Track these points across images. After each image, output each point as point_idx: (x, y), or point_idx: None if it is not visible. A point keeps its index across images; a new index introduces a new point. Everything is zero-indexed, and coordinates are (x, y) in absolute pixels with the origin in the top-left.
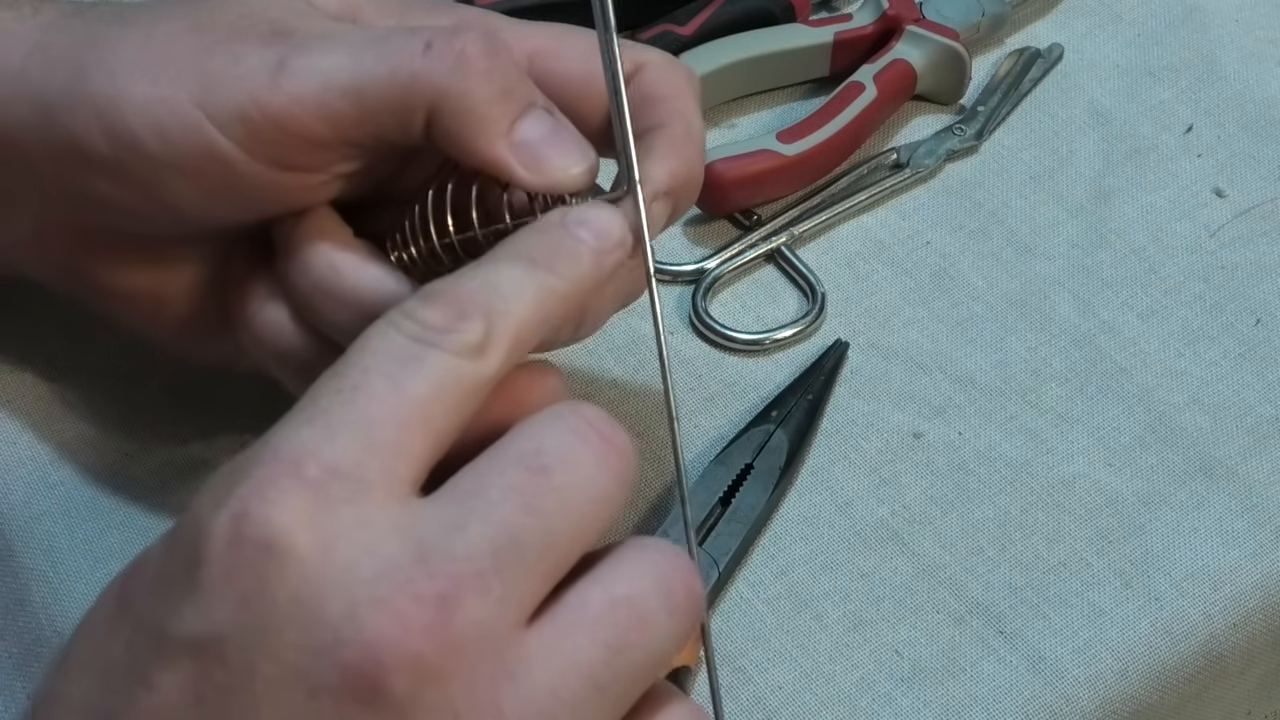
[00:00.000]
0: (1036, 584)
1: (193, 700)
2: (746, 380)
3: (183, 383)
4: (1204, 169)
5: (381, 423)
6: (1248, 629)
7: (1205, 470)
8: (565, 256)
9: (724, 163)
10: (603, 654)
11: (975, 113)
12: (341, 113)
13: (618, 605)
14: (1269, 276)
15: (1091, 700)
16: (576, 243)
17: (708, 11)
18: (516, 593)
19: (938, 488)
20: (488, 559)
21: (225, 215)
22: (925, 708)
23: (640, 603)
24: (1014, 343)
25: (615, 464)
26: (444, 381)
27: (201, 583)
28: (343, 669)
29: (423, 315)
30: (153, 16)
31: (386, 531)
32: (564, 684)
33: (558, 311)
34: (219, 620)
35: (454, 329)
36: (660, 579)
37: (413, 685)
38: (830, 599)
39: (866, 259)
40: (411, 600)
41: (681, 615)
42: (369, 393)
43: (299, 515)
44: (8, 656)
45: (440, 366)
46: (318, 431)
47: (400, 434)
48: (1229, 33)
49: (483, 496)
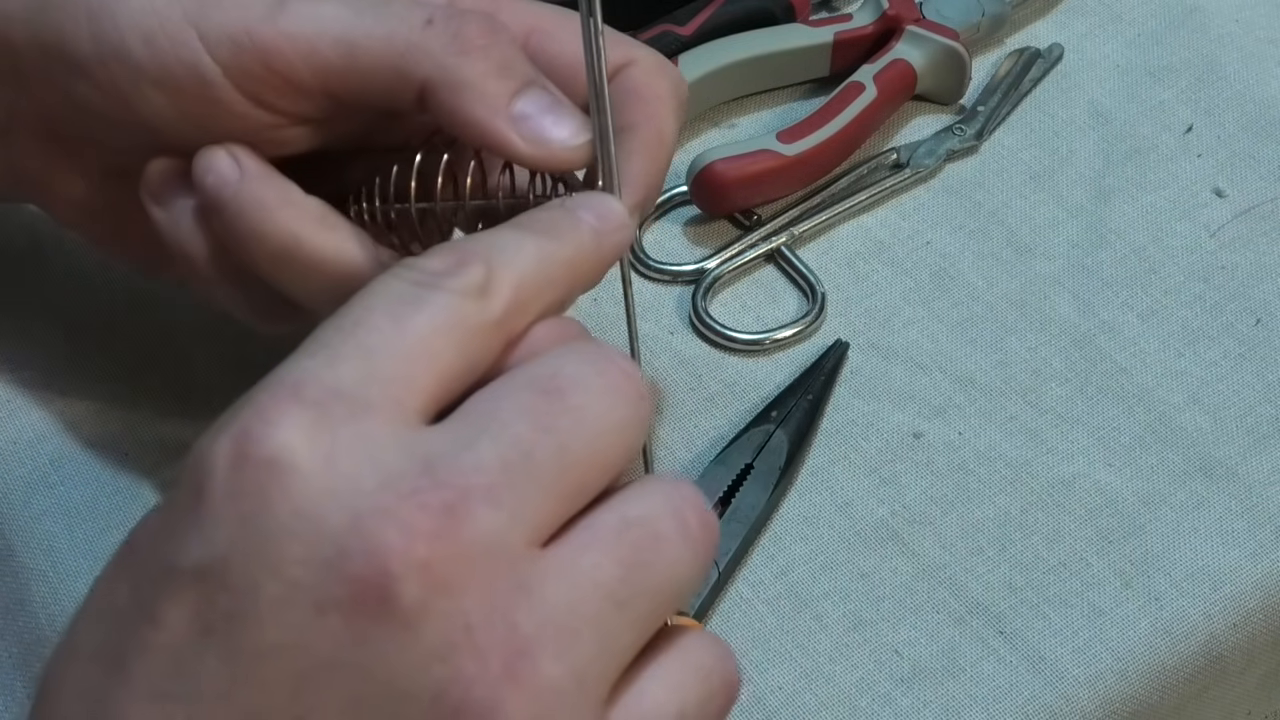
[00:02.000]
0: (1036, 584)
1: (199, 631)
2: (746, 380)
3: (183, 382)
4: (1204, 169)
5: (383, 352)
6: (1248, 629)
7: (1205, 470)
8: (566, 228)
9: (724, 163)
10: (619, 570)
11: (975, 113)
12: (330, 62)
13: (630, 525)
14: (1269, 276)
15: (1091, 700)
16: (577, 220)
17: (708, 11)
18: (529, 510)
19: (938, 488)
20: (498, 473)
21: (193, 139)
22: (925, 708)
23: (654, 523)
24: (1014, 343)
25: (631, 395)
26: (446, 318)
27: (204, 510)
28: (349, 580)
29: (424, 264)
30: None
31: (390, 446)
32: (582, 599)
33: (561, 274)
34: (221, 543)
35: (454, 273)
36: (673, 506)
37: (422, 593)
38: (830, 599)
39: (866, 259)
40: (417, 508)
41: (695, 541)
42: (370, 326)
43: (300, 431)
44: (8, 656)
45: (442, 304)
46: (319, 361)
47: (403, 364)
48: (1229, 33)
49: (494, 416)
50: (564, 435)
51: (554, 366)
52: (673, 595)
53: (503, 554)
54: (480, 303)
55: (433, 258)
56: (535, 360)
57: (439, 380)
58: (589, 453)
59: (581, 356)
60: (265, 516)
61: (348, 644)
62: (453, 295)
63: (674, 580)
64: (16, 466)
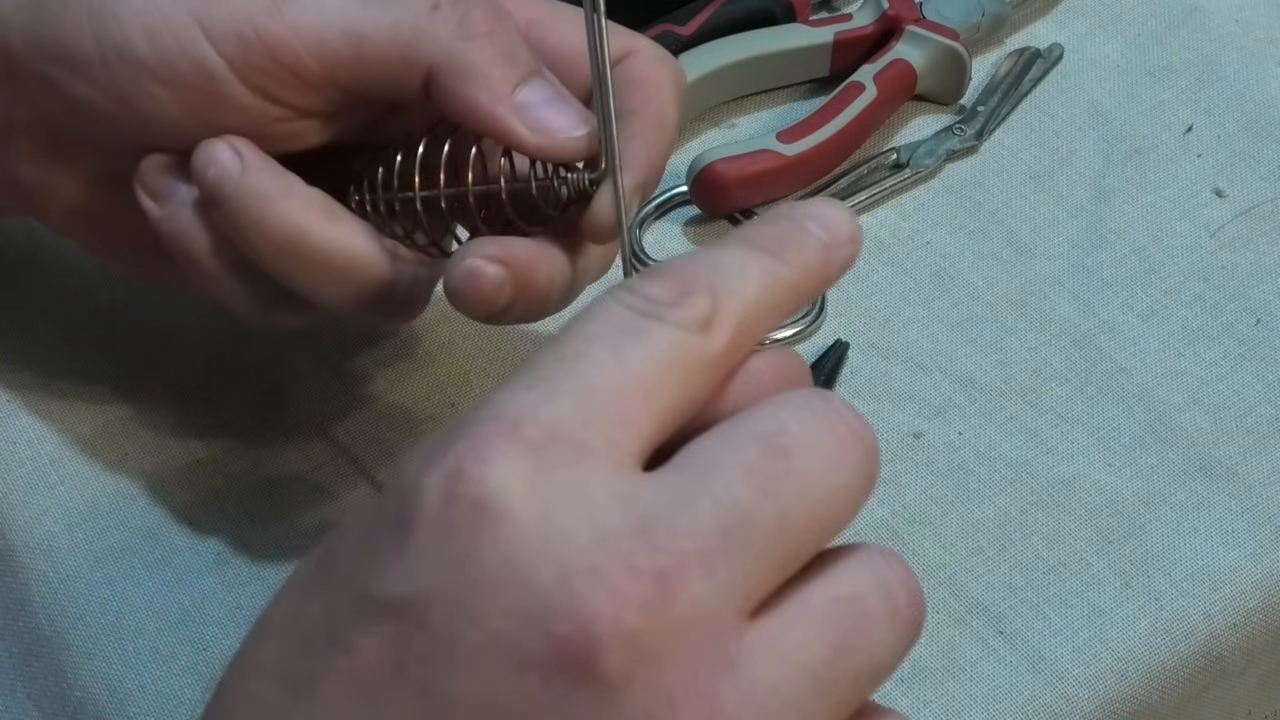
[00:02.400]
0: (1036, 584)
1: (392, 667)
2: None
3: (183, 383)
4: (1204, 169)
5: (604, 389)
6: (1248, 629)
7: (1205, 470)
8: (794, 246)
9: (724, 163)
10: (826, 653)
11: (975, 113)
12: (336, 53)
13: (840, 603)
14: (1269, 276)
15: (1091, 700)
16: (805, 234)
17: (708, 11)
18: (743, 579)
19: (938, 488)
20: (716, 538)
21: (196, 136)
22: (925, 708)
23: (863, 602)
24: (1014, 343)
25: (859, 457)
26: (668, 354)
27: (409, 542)
28: (553, 640)
29: (647, 289)
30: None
31: (607, 499)
32: (784, 680)
33: (786, 300)
34: (424, 582)
35: (678, 304)
36: (883, 583)
37: (627, 664)
38: None
39: (866, 259)
40: (629, 573)
41: (903, 622)
42: (592, 360)
43: (516, 475)
44: (8, 656)
45: (664, 339)
46: (538, 395)
47: (623, 403)
48: (1229, 33)
49: (715, 472)
50: (786, 502)
51: (781, 421)
52: (875, 678)
53: (712, 627)
54: (704, 338)
55: (655, 283)
56: (760, 410)
57: (657, 421)
58: (809, 519)
59: (809, 409)
60: (473, 562)
61: (544, 704)
62: (676, 329)
63: (878, 663)
64: (16, 466)
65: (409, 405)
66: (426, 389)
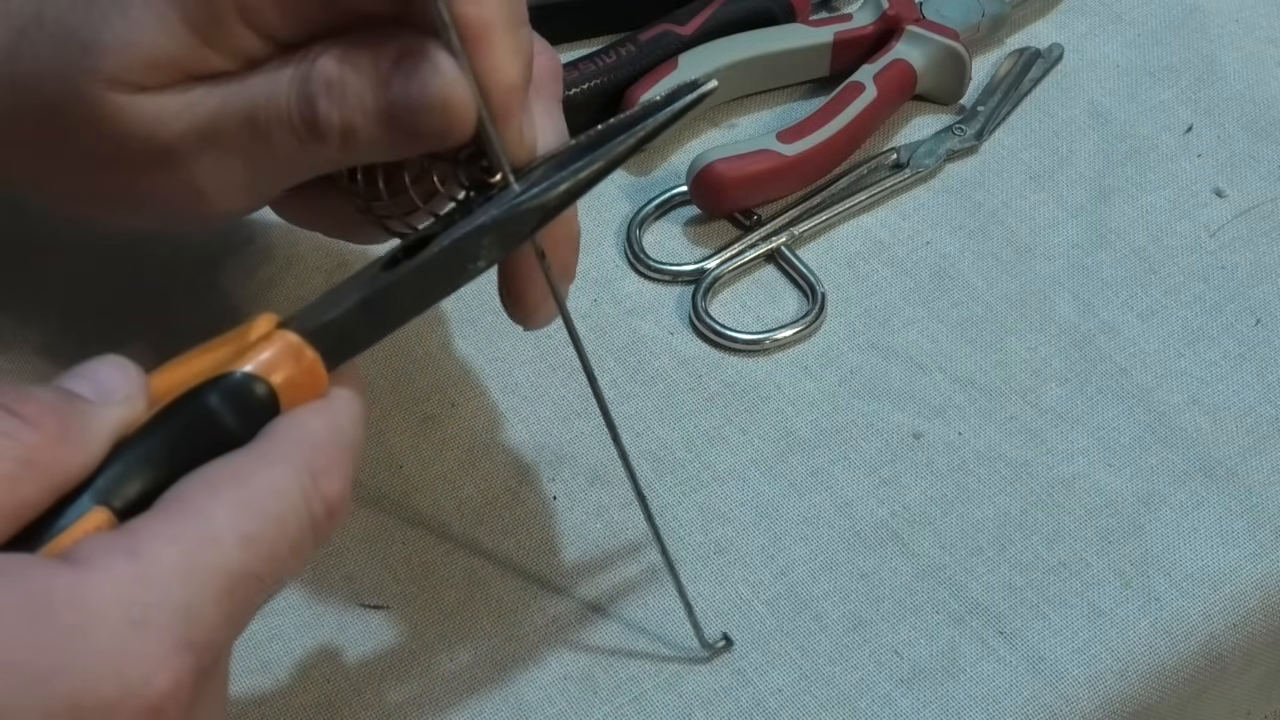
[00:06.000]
0: (1036, 584)
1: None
2: (746, 380)
3: None
4: (1204, 169)
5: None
6: (1248, 629)
7: (1205, 470)
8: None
9: (724, 163)
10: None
11: (975, 113)
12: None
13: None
14: (1269, 276)
15: (1091, 700)
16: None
17: (708, 11)
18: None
19: (938, 488)
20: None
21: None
22: (925, 708)
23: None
24: (1014, 343)
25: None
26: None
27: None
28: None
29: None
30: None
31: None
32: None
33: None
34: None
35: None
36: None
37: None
38: (830, 599)
39: (866, 259)
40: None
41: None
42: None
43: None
44: None
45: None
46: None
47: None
48: (1229, 33)
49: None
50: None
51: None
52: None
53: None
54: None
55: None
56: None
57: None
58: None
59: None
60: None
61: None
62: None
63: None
64: None
65: (409, 405)
66: (426, 389)
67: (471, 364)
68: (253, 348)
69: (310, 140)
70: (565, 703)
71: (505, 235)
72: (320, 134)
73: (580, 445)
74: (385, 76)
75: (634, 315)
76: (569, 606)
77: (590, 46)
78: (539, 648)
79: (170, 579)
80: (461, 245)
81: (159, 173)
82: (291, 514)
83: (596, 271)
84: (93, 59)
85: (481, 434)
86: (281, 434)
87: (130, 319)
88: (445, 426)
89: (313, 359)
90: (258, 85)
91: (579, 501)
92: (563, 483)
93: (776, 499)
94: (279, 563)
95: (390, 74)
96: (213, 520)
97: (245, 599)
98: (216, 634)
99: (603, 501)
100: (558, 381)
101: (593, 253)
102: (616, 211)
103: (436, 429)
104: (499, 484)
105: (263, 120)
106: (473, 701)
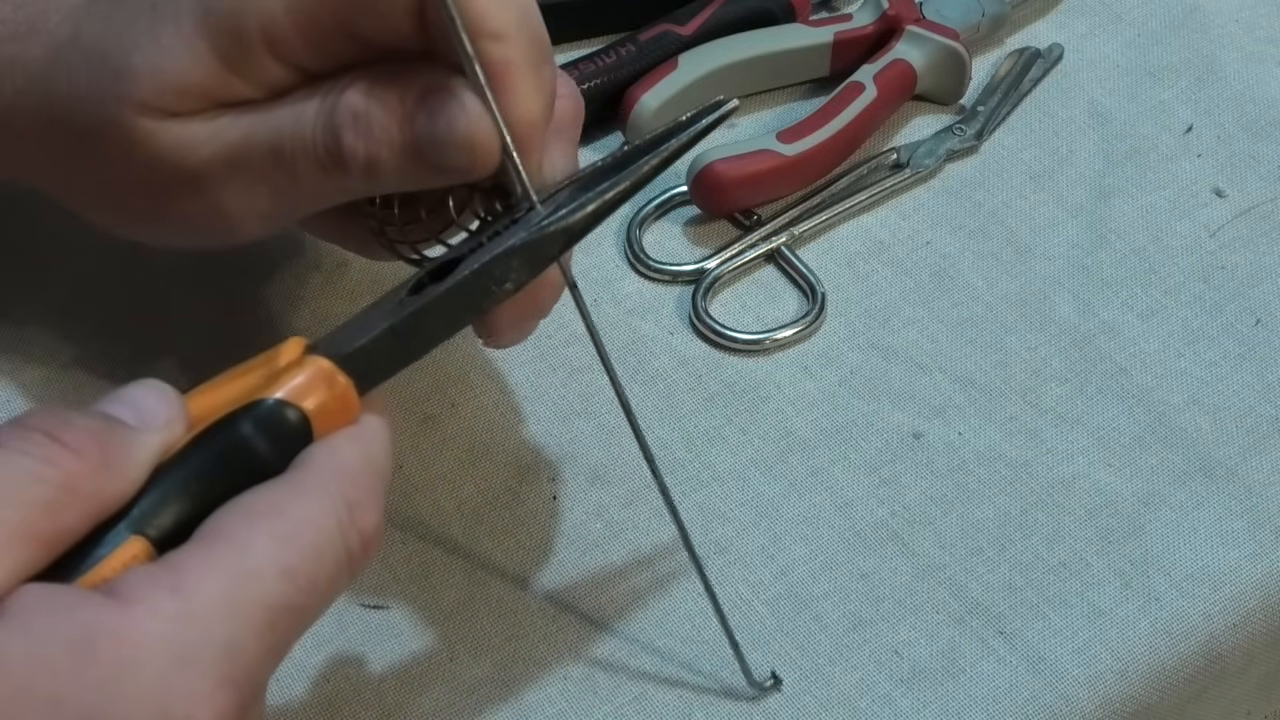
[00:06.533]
0: (1036, 584)
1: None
2: (746, 380)
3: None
4: (1204, 169)
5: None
6: (1248, 629)
7: (1205, 470)
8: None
9: (724, 163)
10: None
11: (975, 113)
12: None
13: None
14: (1269, 276)
15: (1091, 700)
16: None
17: (708, 11)
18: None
19: (938, 488)
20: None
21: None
22: (925, 708)
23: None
24: (1014, 343)
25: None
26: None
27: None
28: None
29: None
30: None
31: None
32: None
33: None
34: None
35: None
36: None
37: None
38: (830, 599)
39: (866, 259)
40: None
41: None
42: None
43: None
44: None
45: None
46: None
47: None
48: (1229, 33)
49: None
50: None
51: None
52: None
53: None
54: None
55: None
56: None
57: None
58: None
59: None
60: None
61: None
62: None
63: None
64: None
65: (409, 405)
66: (426, 389)
67: (471, 364)
68: (284, 373)
69: (334, 171)
70: (565, 703)
71: (533, 258)
72: (345, 165)
73: (580, 445)
74: (411, 112)
75: (634, 315)
76: (569, 606)
77: (590, 46)
78: (539, 647)
79: (213, 615)
80: (490, 269)
81: (185, 195)
82: (329, 546)
83: (596, 271)
84: (125, 84)
85: (481, 434)
86: (318, 464)
87: (131, 319)
88: (445, 426)
89: (345, 385)
90: (284, 115)
91: (579, 501)
92: (563, 483)
93: (776, 499)
94: (317, 594)
95: (416, 109)
96: (253, 553)
97: (285, 631)
98: (257, 668)
99: (603, 501)
100: (558, 381)
101: (593, 253)
102: (616, 212)
103: (436, 429)
104: (499, 484)
105: (288, 149)
106: (473, 701)
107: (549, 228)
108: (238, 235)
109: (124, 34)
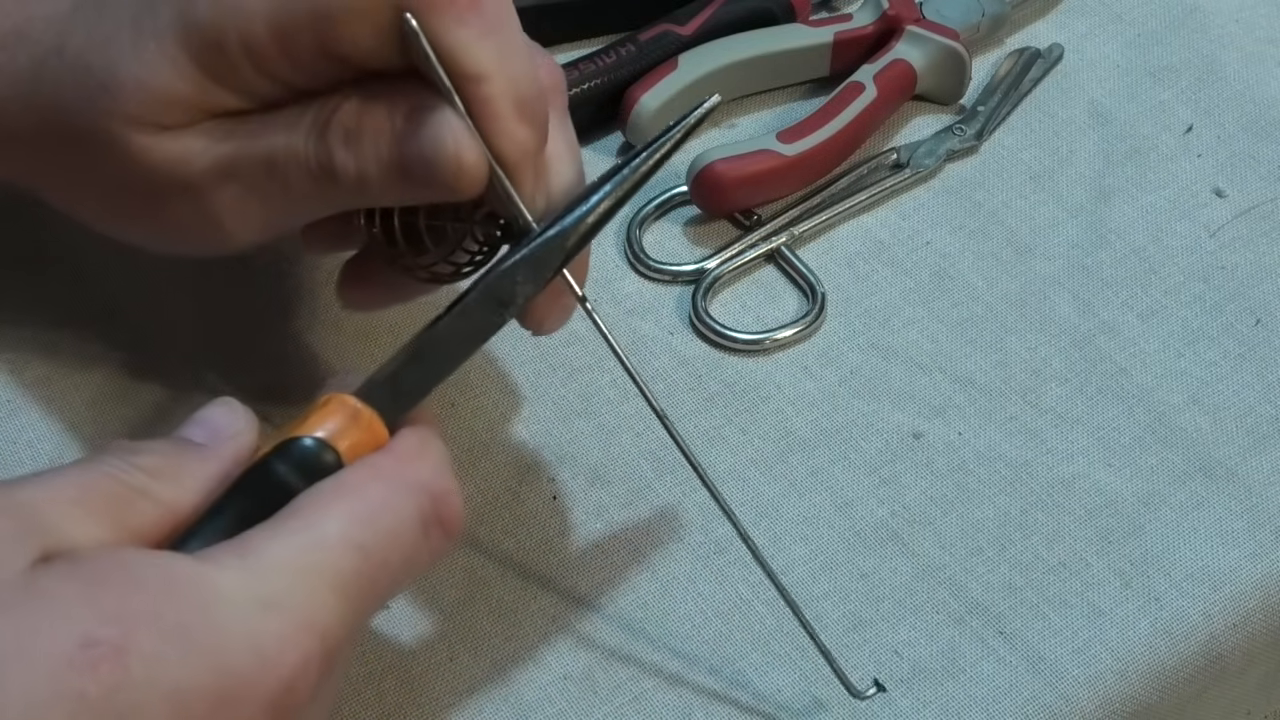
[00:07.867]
0: (1036, 584)
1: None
2: (746, 380)
3: (183, 383)
4: (1204, 169)
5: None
6: (1248, 629)
7: (1205, 470)
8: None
9: (724, 163)
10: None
11: (975, 113)
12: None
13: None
14: (1269, 276)
15: (1091, 700)
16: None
17: (708, 11)
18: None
19: (938, 488)
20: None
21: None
22: (925, 708)
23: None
24: (1014, 343)
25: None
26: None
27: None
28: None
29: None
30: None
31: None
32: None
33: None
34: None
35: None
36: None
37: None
38: (830, 599)
39: (866, 259)
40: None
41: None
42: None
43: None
44: None
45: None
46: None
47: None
48: (1229, 33)
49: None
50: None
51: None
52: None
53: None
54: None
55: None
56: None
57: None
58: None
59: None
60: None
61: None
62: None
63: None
64: (16, 467)
65: None
66: None
67: (471, 364)
68: (313, 414)
69: (326, 184)
70: (565, 703)
71: (537, 270)
72: (336, 179)
73: (580, 445)
74: (400, 130)
75: (634, 315)
76: (569, 606)
77: (590, 46)
78: (539, 647)
79: (280, 573)
80: (496, 285)
81: (179, 203)
82: (406, 530)
83: (596, 271)
84: (110, 98)
85: (481, 434)
86: (402, 451)
87: (129, 320)
88: (445, 426)
89: (370, 415)
90: (277, 129)
91: (579, 501)
92: (563, 483)
93: (776, 499)
94: (389, 572)
95: (405, 128)
96: (323, 527)
97: (360, 601)
98: (335, 627)
99: (603, 501)
100: (558, 381)
101: (593, 253)
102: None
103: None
104: (499, 484)
105: (281, 162)
106: (473, 701)
107: (550, 240)
108: (232, 244)
109: (108, 47)
